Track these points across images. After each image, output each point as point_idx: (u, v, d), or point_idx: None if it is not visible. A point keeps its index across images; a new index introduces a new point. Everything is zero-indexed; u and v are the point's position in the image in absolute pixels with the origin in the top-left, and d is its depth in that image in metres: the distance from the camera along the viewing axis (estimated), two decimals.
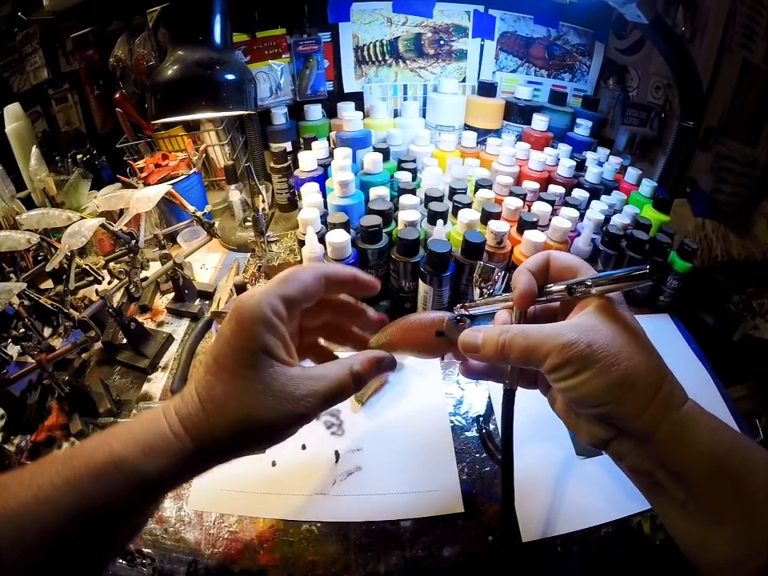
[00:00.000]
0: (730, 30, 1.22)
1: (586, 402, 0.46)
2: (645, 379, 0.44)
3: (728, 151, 1.32)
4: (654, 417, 0.43)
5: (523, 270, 0.53)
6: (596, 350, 0.43)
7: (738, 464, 0.41)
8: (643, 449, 0.45)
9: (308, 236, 0.95)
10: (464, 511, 0.75)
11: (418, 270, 0.95)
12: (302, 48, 1.41)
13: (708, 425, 0.44)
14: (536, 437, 0.83)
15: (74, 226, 0.88)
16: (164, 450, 0.43)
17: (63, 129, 1.59)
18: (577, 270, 0.51)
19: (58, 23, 1.44)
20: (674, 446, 0.43)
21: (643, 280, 0.43)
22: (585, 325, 0.46)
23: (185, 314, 1.11)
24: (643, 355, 0.45)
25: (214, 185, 1.53)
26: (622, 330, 0.45)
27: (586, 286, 0.47)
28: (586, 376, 0.44)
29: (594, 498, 0.77)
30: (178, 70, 0.88)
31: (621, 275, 0.45)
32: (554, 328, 0.47)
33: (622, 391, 0.43)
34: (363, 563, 0.71)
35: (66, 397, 0.86)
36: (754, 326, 1.26)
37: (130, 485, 0.42)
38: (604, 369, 0.43)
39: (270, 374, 0.45)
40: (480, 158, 1.36)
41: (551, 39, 1.55)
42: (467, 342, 0.51)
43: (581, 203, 1.15)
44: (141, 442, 0.43)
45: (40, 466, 0.42)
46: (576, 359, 0.44)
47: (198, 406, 0.44)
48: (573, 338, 0.44)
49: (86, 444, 0.45)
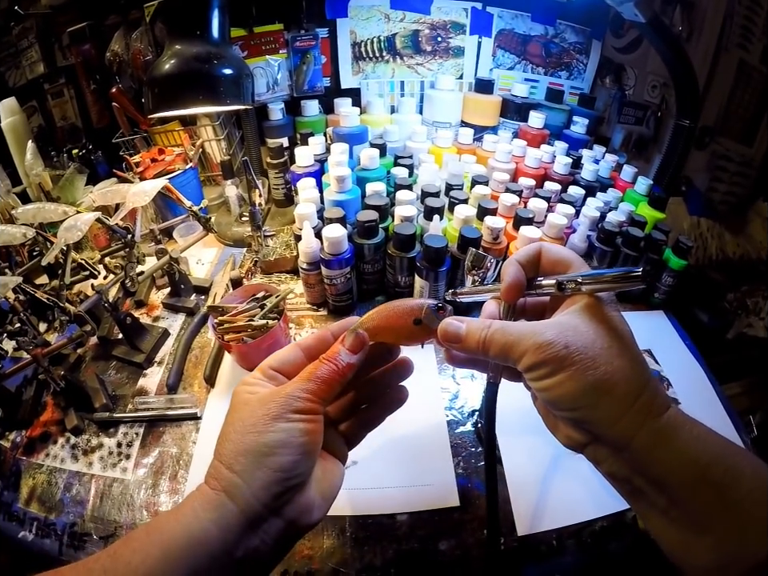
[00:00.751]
0: (727, 30, 1.23)
1: (559, 405, 0.45)
2: (623, 385, 0.42)
3: (724, 150, 1.33)
4: (631, 424, 0.42)
5: (513, 262, 0.52)
6: (572, 351, 0.42)
7: (723, 472, 0.40)
8: (620, 456, 0.43)
9: (304, 231, 0.95)
10: (459, 505, 0.76)
11: (414, 265, 0.96)
12: (299, 44, 1.41)
13: (691, 432, 0.42)
14: (529, 431, 0.82)
15: (69, 219, 0.88)
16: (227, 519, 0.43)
17: (59, 124, 1.59)
18: (569, 263, 0.50)
19: (54, 17, 1.43)
20: (653, 455, 0.42)
21: (635, 283, 0.42)
22: (566, 324, 0.45)
23: (181, 309, 1.11)
24: (624, 360, 0.43)
25: (210, 180, 1.53)
26: (605, 332, 0.44)
27: (576, 282, 0.46)
28: (560, 378, 0.43)
29: (588, 492, 0.78)
30: (176, 64, 0.88)
31: (613, 276, 0.44)
32: (534, 326, 0.46)
33: (597, 396, 0.42)
34: (359, 557, 0.71)
35: (62, 392, 0.87)
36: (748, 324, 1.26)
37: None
38: (580, 372, 0.42)
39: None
40: (476, 154, 1.36)
41: (548, 37, 1.55)
42: (450, 332, 0.51)
43: (576, 200, 1.15)
44: (199, 519, 0.43)
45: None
46: (551, 360, 0.43)
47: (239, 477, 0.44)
48: (550, 338, 0.43)
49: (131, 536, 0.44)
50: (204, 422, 0.89)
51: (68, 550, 0.75)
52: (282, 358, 0.53)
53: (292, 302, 1.11)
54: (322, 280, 1.01)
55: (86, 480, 0.82)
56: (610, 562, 0.74)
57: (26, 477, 0.84)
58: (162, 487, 0.80)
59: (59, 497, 0.81)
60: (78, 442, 0.88)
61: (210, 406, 0.91)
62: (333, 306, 1.06)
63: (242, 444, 0.45)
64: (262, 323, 0.88)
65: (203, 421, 0.89)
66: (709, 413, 0.90)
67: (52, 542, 0.76)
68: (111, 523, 0.77)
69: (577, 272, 0.49)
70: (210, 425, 0.88)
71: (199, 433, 0.87)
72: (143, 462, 0.84)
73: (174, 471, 0.82)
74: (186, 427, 0.88)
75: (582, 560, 0.73)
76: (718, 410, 0.92)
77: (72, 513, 0.79)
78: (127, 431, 0.88)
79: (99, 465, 0.84)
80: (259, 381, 0.51)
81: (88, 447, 0.87)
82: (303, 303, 1.11)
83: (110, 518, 0.77)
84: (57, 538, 0.76)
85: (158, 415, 0.89)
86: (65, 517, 0.78)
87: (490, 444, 0.58)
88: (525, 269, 0.52)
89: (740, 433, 0.89)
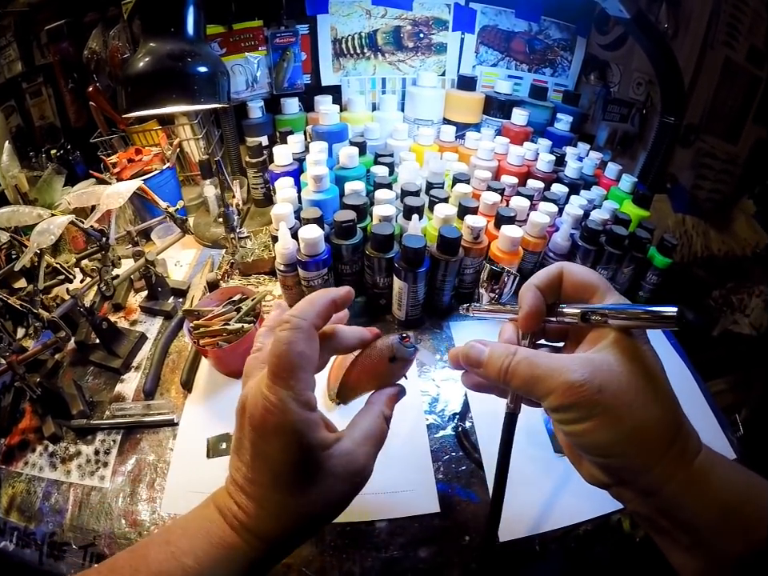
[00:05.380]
0: (713, 28, 1.24)
1: (589, 451, 0.43)
2: (658, 431, 0.40)
3: (709, 148, 1.34)
4: (663, 474, 0.40)
5: (530, 287, 0.49)
6: (607, 396, 0.40)
7: (750, 511, 0.39)
8: (647, 499, 0.41)
9: (281, 232, 0.94)
10: (440, 511, 0.75)
11: (393, 266, 0.95)
12: (279, 40, 1.39)
13: (720, 477, 0.40)
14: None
15: (42, 223, 0.88)
16: (236, 561, 0.44)
17: (37, 123, 1.56)
18: (595, 288, 0.47)
19: (32, 15, 1.41)
20: (682, 501, 0.40)
21: (668, 324, 0.39)
22: (599, 363, 0.42)
23: (158, 313, 1.10)
24: (660, 404, 0.41)
25: (189, 180, 1.51)
26: (640, 372, 0.41)
27: (603, 315, 0.43)
28: (591, 424, 0.40)
29: (572, 496, 0.77)
30: (149, 62, 0.87)
31: (645, 314, 0.40)
32: (563, 362, 0.43)
33: (630, 445, 0.40)
34: (338, 565, 0.71)
35: (39, 399, 0.86)
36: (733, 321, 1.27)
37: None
38: (614, 420, 0.40)
39: (329, 468, 0.45)
40: (458, 152, 1.35)
41: (532, 33, 1.54)
42: (471, 356, 0.48)
43: (560, 198, 1.14)
44: (213, 555, 0.44)
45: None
46: (583, 404, 0.40)
47: (273, 523, 0.45)
48: (582, 378, 0.40)
49: (149, 556, 0.44)
50: (181, 428, 0.88)
51: (48, 560, 0.75)
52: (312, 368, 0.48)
53: (270, 303, 1.09)
54: (299, 282, 0.99)
55: (65, 489, 0.82)
56: (595, 566, 0.74)
57: (6, 486, 0.83)
58: (140, 495, 0.79)
59: (38, 506, 0.80)
60: (56, 449, 0.87)
61: (187, 412, 0.90)
62: None
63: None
64: (237, 327, 0.87)
65: (180, 427, 0.88)
66: (694, 410, 0.89)
67: (32, 551, 0.76)
68: (90, 532, 0.76)
69: (603, 299, 0.46)
70: (187, 430, 0.87)
71: (176, 439, 0.86)
72: (121, 470, 0.83)
73: (151, 479, 0.81)
74: (164, 434, 0.87)
75: (566, 565, 0.73)
76: (703, 407, 0.93)
77: (51, 522, 0.78)
78: (105, 438, 0.88)
79: (77, 473, 0.83)
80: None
81: (66, 455, 0.86)
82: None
83: (88, 527, 0.77)
84: (37, 547, 0.76)
85: (135, 422, 0.88)
86: (44, 526, 0.78)
87: (501, 478, 0.55)
88: (544, 293, 0.49)
89: (725, 431, 0.89)
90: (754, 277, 1.25)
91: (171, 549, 0.44)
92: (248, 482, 0.45)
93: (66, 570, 0.73)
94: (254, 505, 0.45)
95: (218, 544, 0.44)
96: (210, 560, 0.43)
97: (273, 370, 0.44)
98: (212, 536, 0.44)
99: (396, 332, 0.57)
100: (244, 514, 0.45)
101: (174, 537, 0.45)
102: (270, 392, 0.44)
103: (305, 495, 0.45)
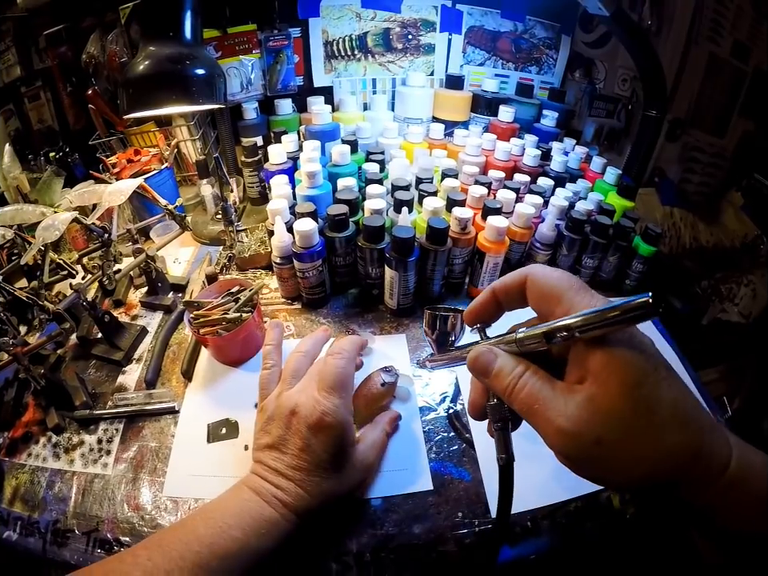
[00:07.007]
0: (696, 24, 1.25)
1: (600, 485, 0.42)
2: (669, 469, 0.36)
3: (696, 142, 1.35)
4: (685, 498, 0.37)
5: (486, 290, 0.48)
6: (606, 450, 0.36)
7: None
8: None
9: (276, 225, 0.97)
10: (433, 489, 0.77)
11: (384, 256, 0.97)
12: (272, 43, 1.42)
13: (750, 492, 0.36)
14: None
15: (47, 219, 0.89)
16: (275, 533, 0.59)
17: (36, 127, 1.58)
18: (558, 294, 0.41)
19: (31, 20, 1.43)
20: (709, 516, 0.37)
21: (647, 314, 0.33)
22: (598, 404, 0.36)
23: (158, 307, 1.12)
24: (668, 435, 0.36)
25: (186, 180, 1.53)
26: (646, 404, 0.36)
27: (567, 330, 0.38)
28: (595, 475, 0.39)
29: (562, 473, 0.78)
30: (149, 65, 0.89)
31: (614, 310, 0.34)
32: (560, 402, 0.38)
33: (642, 484, 0.37)
34: (334, 542, 0.72)
35: (42, 391, 0.87)
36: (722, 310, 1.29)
37: (251, 563, 0.56)
38: (620, 474, 0.37)
39: (353, 461, 0.69)
40: (447, 149, 1.38)
41: (518, 33, 1.57)
42: (480, 362, 0.45)
43: (545, 191, 1.16)
44: (256, 528, 0.58)
45: (151, 550, 0.54)
46: (582, 458, 0.38)
47: (309, 500, 0.62)
48: (577, 430, 0.37)
49: (198, 531, 0.56)
50: (182, 415, 0.90)
51: (51, 548, 0.75)
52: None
53: (267, 296, 1.12)
54: (295, 274, 1.02)
55: (68, 477, 0.82)
56: (585, 543, 0.75)
57: (9, 477, 0.84)
58: (143, 481, 0.81)
59: (42, 495, 0.81)
60: (60, 440, 0.88)
61: (187, 400, 0.92)
62: (306, 300, 1.07)
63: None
64: (236, 316, 0.89)
65: (181, 414, 0.90)
66: None
67: (36, 540, 0.76)
68: (93, 518, 0.77)
69: (571, 304, 0.40)
70: (187, 417, 0.89)
71: (177, 426, 0.88)
72: (123, 457, 0.84)
73: (153, 465, 0.83)
74: (165, 421, 0.89)
75: (557, 541, 0.74)
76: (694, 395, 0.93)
77: (55, 510, 0.79)
78: (107, 427, 0.89)
79: (80, 462, 0.84)
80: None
81: (69, 445, 0.87)
82: (278, 297, 1.12)
83: (92, 513, 0.78)
84: (40, 536, 0.76)
85: (137, 410, 0.90)
86: (48, 515, 0.78)
87: (502, 532, 0.59)
88: (499, 295, 0.48)
89: (716, 415, 0.91)
90: (742, 267, 1.26)
91: (219, 524, 0.56)
92: (291, 469, 0.63)
93: (69, 556, 0.74)
94: (294, 486, 0.62)
95: (259, 518, 0.58)
96: (253, 532, 0.57)
97: (330, 385, 0.67)
98: (252, 512, 0.59)
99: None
100: (284, 493, 0.61)
101: (216, 515, 0.59)
102: (327, 400, 0.65)
103: (335, 478, 0.65)
